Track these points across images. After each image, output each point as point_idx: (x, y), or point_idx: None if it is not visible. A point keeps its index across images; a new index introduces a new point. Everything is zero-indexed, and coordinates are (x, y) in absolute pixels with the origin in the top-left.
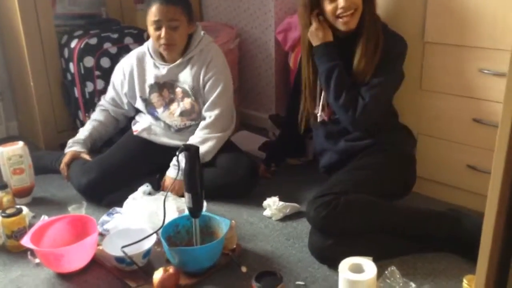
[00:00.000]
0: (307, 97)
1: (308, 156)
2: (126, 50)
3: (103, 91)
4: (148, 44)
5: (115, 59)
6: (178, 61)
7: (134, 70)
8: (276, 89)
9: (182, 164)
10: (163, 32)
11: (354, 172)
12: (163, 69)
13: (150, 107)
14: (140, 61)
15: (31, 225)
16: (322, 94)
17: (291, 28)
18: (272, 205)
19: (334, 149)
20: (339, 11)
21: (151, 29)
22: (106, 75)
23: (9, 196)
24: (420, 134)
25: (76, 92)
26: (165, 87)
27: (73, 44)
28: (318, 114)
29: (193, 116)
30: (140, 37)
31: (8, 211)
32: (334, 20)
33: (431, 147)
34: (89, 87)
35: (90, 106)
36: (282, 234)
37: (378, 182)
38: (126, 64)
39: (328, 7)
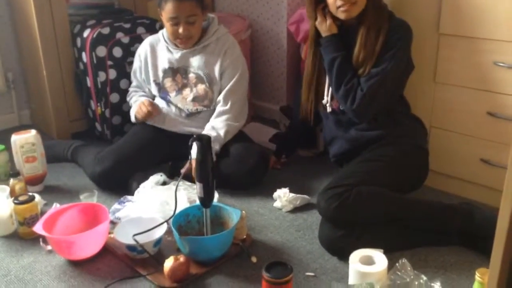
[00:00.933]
0: (313, 87)
1: (319, 148)
2: (138, 40)
3: (115, 80)
4: (163, 32)
5: (127, 49)
6: (193, 47)
7: (148, 55)
8: (288, 80)
9: (194, 153)
10: (181, 28)
11: (366, 163)
12: (177, 54)
13: (163, 92)
14: (154, 46)
15: (43, 213)
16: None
17: (304, 20)
18: (283, 196)
19: (345, 137)
20: (338, 3)
21: (167, 25)
22: (118, 64)
23: (22, 183)
24: (433, 127)
25: (89, 81)
26: (179, 72)
27: (85, 33)
28: (328, 104)
29: (205, 103)
30: (153, 27)
31: (21, 198)
32: (336, 11)
33: (444, 140)
34: (101, 76)
35: (102, 95)
36: (292, 226)
37: (389, 175)
38: (141, 51)
39: (329, 0)
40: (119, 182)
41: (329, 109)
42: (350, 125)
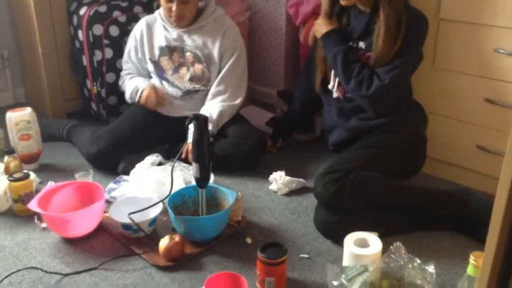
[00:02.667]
0: (321, 67)
1: (316, 132)
2: (135, 19)
3: (112, 60)
4: (159, 10)
5: (124, 28)
6: (189, 27)
7: (144, 34)
8: (285, 64)
9: (191, 133)
10: (174, 6)
11: (364, 149)
12: (173, 32)
13: (159, 69)
14: (150, 25)
15: (37, 191)
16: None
17: (303, 3)
18: (279, 179)
19: (345, 126)
20: None
21: (162, 1)
22: (115, 43)
23: (16, 161)
24: (431, 113)
25: (85, 60)
26: (176, 51)
27: (82, 11)
28: (334, 91)
29: (202, 82)
30: (150, 6)
31: (16, 175)
32: None
33: (441, 127)
34: (98, 55)
35: (98, 74)
36: (287, 209)
37: (387, 161)
38: (136, 30)
39: None
40: (114, 163)
41: (335, 95)
42: (352, 114)
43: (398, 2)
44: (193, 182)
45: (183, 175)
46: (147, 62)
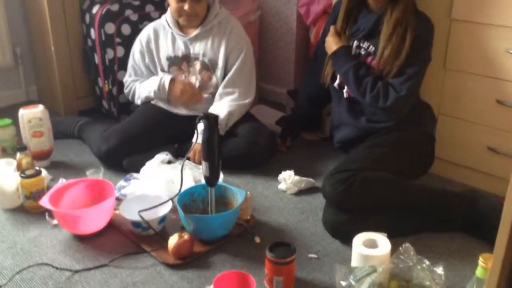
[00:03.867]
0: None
1: (325, 132)
2: (147, 17)
3: (123, 58)
4: (166, 17)
5: (135, 27)
6: (196, 32)
7: (152, 41)
8: (296, 64)
9: (200, 134)
10: (186, 5)
11: (373, 149)
12: (181, 41)
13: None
14: (157, 33)
15: (49, 188)
16: None
17: (314, 2)
18: (288, 179)
19: (354, 124)
20: None
21: (173, 1)
22: (127, 42)
23: (28, 158)
24: (441, 114)
25: (97, 58)
26: (184, 60)
27: (94, 9)
28: (344, 90)
29: (210, 90)
30: (161, 5)
31: (27, 172)
32: None
33: (451, 128)
34: (109, 54)
35: (109, 72)
36: (296, 208)
37: (396, 161)
38: (143, 36)
39: None
40: (125, 155)
41: (345, 95)
42: (361, 113)
43: (411, 5)
44: (203, 181)
45: (192, 174)
46: (158, 71)
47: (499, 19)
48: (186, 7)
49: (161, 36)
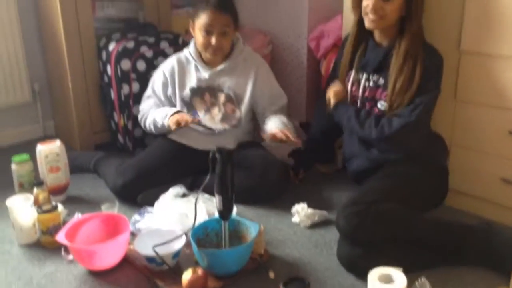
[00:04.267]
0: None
1: (337, 164)
2: (161, 54)
3: (138, 93)
4: (189, 50)
5: (150, 63)
6: (222, 66)
7: (176, 72)
8: (307, 97)
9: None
10: (214, 39)
11: (386, 180)
12: (205, 73)
13: (192, 110)
14: (181, 64)
15: (65, 223)
16: (358, 104)
17: (324, 36)
18: (301, 211)
19: (366, 156)
20: (367, 10)
21: (199, 34)
22: (142, 78)
23: (45, 193)
24: (454, 145)
25: (112, 94)
26: (207, 91)
27: (111, 47)
28: None
29: (233, 122)
30: (176, 42)
31: (44, 208)
32: (364, 16)
33: (464, 159)
34: (125, 89)
35: (125, 107)
36: (310, 242)
37: (409, 193)
38: (166, 67)
39: (364, 2)
40: (140, 190)
41: None
42: (373, 145)
43: (418, 37)
44: (216, 215)
45: (206, 207)
46: (178, 101)
47: (508, 50)
48: (213, 41)
49: (185, 67)
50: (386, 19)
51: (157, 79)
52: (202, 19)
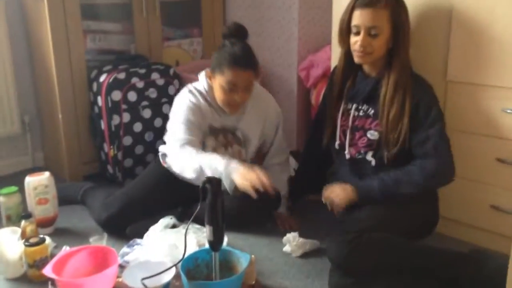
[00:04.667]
0: (331, 122)
1: None
2: (152, 85)
3: (129, 123)
4: (205, 90)
5: (141, 93)
6: (239, 111)
7: (200, 105)
8: (298, 125)
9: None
10: (238, 95)
11: (377, 209)
12: (221, 116)
13: (205, 149)
14: (198, 101)
15: (52, 255)
16: (348, 133)
17: (314, 66)
18: (292, 241)
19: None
20: (355, 47)
21: (222, 90)
22: (132, 108)
23: (33, 225)
24: None
25: (103, 124)
26: (221, 133)
27: (102, 78)
28: (346, 152)
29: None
30: (167, 73)
31: (31, 240)
32: (353, 52)
33: (454, 187)
34: (115, 120)
35: (115, 138)
36: (301, 271)
37: (401, 221)
38: (191, 98)
39: (352, 39)
40: (125, 228)
41: (347, 156)
42: (365, 175)
43: (406, 68)
44: (207, 245)
45: (196, 237)
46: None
47: (494, 80)
48: (237, 98)
49: (201, 105)
50: (375, 54)
51: (187, 109)
52: (226, 76)
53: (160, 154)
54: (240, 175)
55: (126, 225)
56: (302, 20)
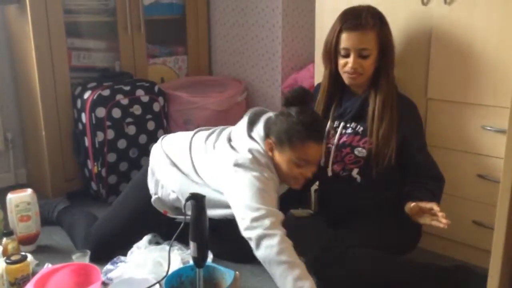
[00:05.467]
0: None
1: (312, 208)
2: (137, 101)
3: (113, 140)
4: (267, 165)
5: (126, 110)
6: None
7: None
8: None
9: (189, 212)
10: (310, 171)
11: (360, 225)
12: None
13: None
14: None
15: (34, 273)
16: (332, 150)
17: (297, 84)
18: None
19: (340, 204)
20: (346, 69)
21: (289, 165)
22: (117, 125)
23: (14, 243)
24: None
25: (86, 141)
26: None
27: (86, 95)
28: (328, 169)
29: None
30: (151, 90)
31: (13, 258)
32: (342, 73)
33: None
34: (99, 136)
35: (99, 155)
36: None
37: (384, 236)
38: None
39: (340, 61)
40: (112, 252)
41: (329, 173)
42: (349, 192)
43: (392, 86)
44: (191, 262)
45: (180, 254)
46: None
47: (474, 98)
48: (308, 173)
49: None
50: (365, 74)
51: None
52: (300, 152)
53: (153, 194)
54: None
55: (114, 252)
56: (286, 39)
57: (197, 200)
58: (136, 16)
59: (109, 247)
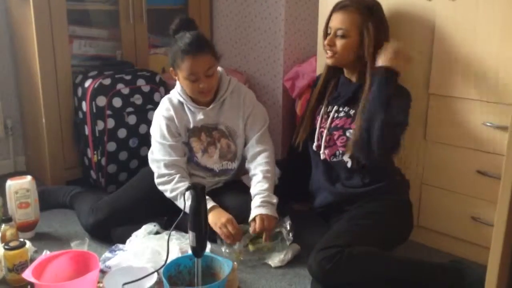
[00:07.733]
0: (308, 122)
1: (312, 202)
2: (138, 91)
3: (113, 130)
4: (178, 91)
5: (126, 99)
6: (212, 104)
7: (173, 115)
8: (283, 135)
9: (188, 202)
10: (202, 83)
11: (355, 222)
12: (199, 113)
13: (189, 152)
14: (175, 107)
15: (32, 260)
16: (324, 133)
17: (299, 77)
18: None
19: (330, 190)
20: (325, 46)
21: (186, 83)
22: (117, 114)
23: (13, 229)
24: (424, 184)
25: (87, 130)
26: (203, 131)
27: (87, 83)
28: (321, 152)
29: (229, 157)
30: (153, 80)
31: (11, 244)
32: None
33: (434, 198)
34: (100, 125)
35: (99, 143)
36: (284, 279)
37: (379, 232)
38: (164, 112)
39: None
40: (119, 224)
41: (322, 156)
42: (337, 179)
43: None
44: (189, 251)
45: (179, 244)
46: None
47: (475, 94)
48: (201, 86)
49: (178, 109)
50: (339, 55)
51: (162, 127)
52: (184, 69)
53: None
54: (211, 220)
55: (120, 222)
56: (288, 31)
57: (197, 190)
58: (138, 6)
59: (112, 221)
